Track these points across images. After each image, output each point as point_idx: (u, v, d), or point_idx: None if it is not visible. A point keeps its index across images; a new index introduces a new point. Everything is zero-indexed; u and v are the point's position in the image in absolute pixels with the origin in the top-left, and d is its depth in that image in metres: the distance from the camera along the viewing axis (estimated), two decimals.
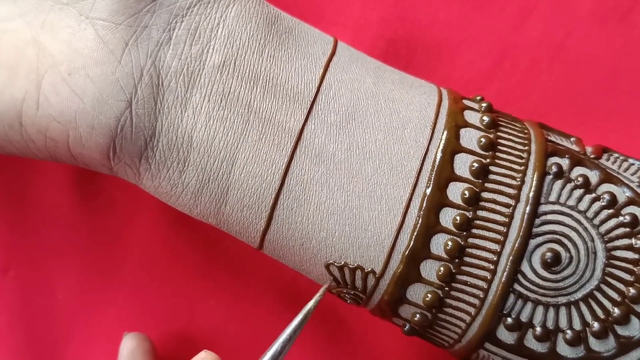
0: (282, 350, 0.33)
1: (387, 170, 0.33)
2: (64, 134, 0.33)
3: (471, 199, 0.33)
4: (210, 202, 0.34)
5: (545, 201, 0.33)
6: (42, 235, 0.48)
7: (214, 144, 0.33)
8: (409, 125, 0.34)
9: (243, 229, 0.35)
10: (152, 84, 0.33)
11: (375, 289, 0.34)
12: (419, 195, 0.33)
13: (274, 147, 0.33)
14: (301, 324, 0.34)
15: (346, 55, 0.36)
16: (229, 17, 0.34)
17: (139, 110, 0.33)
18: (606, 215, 0.33)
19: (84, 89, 0.32)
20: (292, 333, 0.33)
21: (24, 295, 0.47)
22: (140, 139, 0.33)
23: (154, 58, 0.33)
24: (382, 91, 0.35)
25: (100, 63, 0.32)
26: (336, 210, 0.33)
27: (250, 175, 0.33)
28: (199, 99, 0.33)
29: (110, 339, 0.46)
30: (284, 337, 0.33)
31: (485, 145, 0.33)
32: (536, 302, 0.33)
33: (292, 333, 0.33)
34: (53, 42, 0.33)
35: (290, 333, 0.33)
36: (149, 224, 0.48)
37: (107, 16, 0.33)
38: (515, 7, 0.49)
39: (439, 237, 0.33)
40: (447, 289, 0.33)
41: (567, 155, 0.34)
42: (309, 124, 0.34)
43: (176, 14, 0.33)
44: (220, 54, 0.33)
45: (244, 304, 0.48)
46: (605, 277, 0.32)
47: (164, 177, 0.34)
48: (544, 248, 0.32)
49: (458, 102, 0.36)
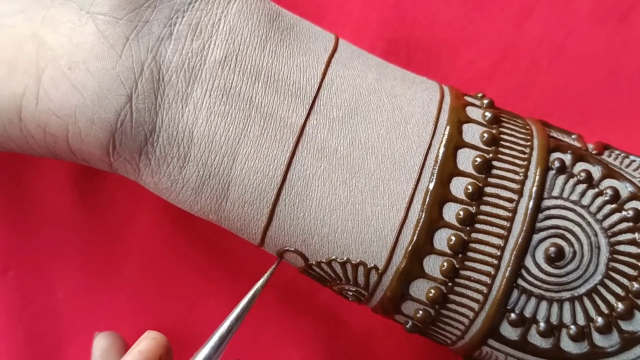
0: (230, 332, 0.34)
1: (390, 166, 0.33)
2: (63, 129, 0.33)
3: (474, 193, 0.32)
4: (211, 198, 0.34)
5: (548, 196, 0.33)
6: (42, 235, 0.48)
7: (215, 140, 0.33)
8: (412, 121, 0.34)
9: (244, 225, 0.35)
10: (152, 79, 0.33)
11: (377, 285, 0.34)
12: (422, 191, 0.33)
13: (275, 143, 0.33)
14: (248, 305, 0.35)
15: (348, 51, 0.36)
16: (231, 12, 0.34)
17: (139, 105, 0.32)
18: (609, 210, 0.33)
19: (83, 84, 0.32)
20: (240, 313, 0.34)
21: (24, 295, 0.47)
22: (140, 134, 0.33)
23: (155, 53, 0.33)
24: (384, 87, 0.35)
25: (101, 57, 0.32)
26: (339, 206, 0.33)
27: (251, 170, 0.33)
28: (200, 94, 0.33)
29: None
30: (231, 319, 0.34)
31: (487, 141, 0.33)
32: (540, 298, 0.32)
33: (240, 313, 0.34)
34: (53, 37, 0.33)
35: (238, 314, 0.34)
36: (149, 224, 0.48)
37: (108, 10, 0.33)
38: (515, 7, 0.49)
39: (442, 232, 0.33)
40: (450, 284, 0.33)
41: (570, 150, 0.34)
42: (311, 119, 0.33)
43: (177, 9, 0.33)
44: (221, 49, 0.33)
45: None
46: (608, 271, 0.32)
47: (164, 172, 0.34)
48: (547, 243, 0.32)
49: (460, 99, 0.36)
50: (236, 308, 0.34)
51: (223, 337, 0.34)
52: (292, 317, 0.48)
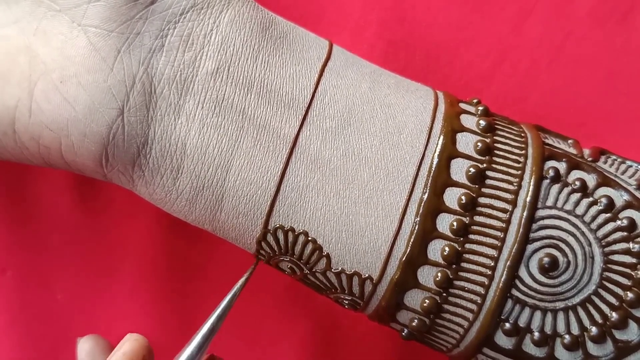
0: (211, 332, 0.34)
1: (383, 176, 0.33)
2: (56, 142, 0.33)
3: (468, 204, 0.32)
4: (205, 209, 0.34)
5: (543, 206, 0.33)
6: (41, 234, 0.48)
7: (207, 151, 0.33)
8: (405, 131, 0.34)
9: (239, 235, 0.35)
10: (144, 92, 0.32)
11: (372, 295, 0.34)
12: (416, 201, 0.33)
13: (269, 154, 0.33)
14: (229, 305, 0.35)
15: (341, 59, 0.36)
16: (222, 22, 0.34)
17: (131, 118, 0.32)
18: (603, 220, 0.32)
19: (75, 97, 0.32)
20: (222, 312, 0.34)
21: (23, 295, 0.47)
22: (133, 146, 0.33)
23: (147, 65, 0.33)
24: (377, 96, 0.35)
25: (92, 71, 0.32)
26: (332, 217, 0.33)
27: (245, 182, 0.33)
28: (193, 106, 0.33)
29: (109, 339, 0.46)
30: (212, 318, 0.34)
31: (481, 150, 0.33)
32: (534, 307, 0.32)
33: (222, 312, 0.34)
34: (45, 50, 0.33)
35: (220, 313, 0.34)
36: (148, 224, 0.48)
37: (99, 23, 0.32)
38: (515, 9, 0.49)
39: (436, 242, 0.33)
40: (444, 294, 0.33)
41: (564, 158, 0.34)
42: (304, 130, 0.33)
43: (169, 21, 0.33)
44: (213, 60, 0.33)
45: (244, 304, 0.48)
46: (603, 281, 0.32)
47: (158, 184, 0.34)
48: (541, 253, 0.32)
49: (454, 106, 0.35)
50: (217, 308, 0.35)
51: (205, 337, 0.34)
52: (290, 318, 0.48)
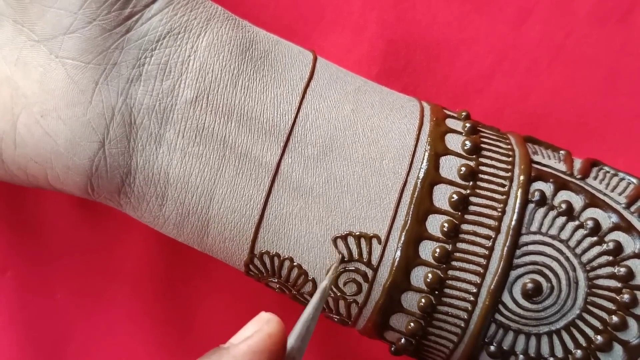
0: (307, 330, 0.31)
1: (366, 204, 0.33)
2: (42, 172, 0.33)
3: (450, 231, 0.32)
4: (192, 233, 0.34)
5: (527, 231, 0.32)
6: (40, 234, 0.48)
7: (190, 180, 0.33)
8: (388, 156, 0.33)
9: (227, 257, 0.35)
10: (124, 123, 0.32)
11: (359, 317, 0.34)
12: (398, 229, 0.33)
13: (251, 182, 0.33)
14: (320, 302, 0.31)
15: (325, 77, 0.35)
16: (200, 47, 0.33)
17: (112, 150, 0.32)
18: (589, 244, 0.32)
19: (56, 131, 0.32)
20: (313, 311, 0.31)
21: (22, 295, 0.48)
22: (116, 177, 0.33)
23: (125, 96, 0.32)
24: (360, 119, 0.34)
25: (72, 104, 0.32)
26: (316, 244, 0.33)
27: (229, 210, 0.33)
28: (173, 136, 0.33)
29: (109, 339, 0.47)
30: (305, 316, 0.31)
31: (465, 175, 0.33)
32: (517, 332, 0.32)
33: (313, 311, 0.31)
34: (25, 82, 0.32)
35: (311, 312, 0.31)
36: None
37: (75, 55, 0.32)
38: (515, 8, 0.48)
39: (419, 269, 0.33)
40: (429, 319, 0.33)
41: (552, 179, 0.33)
42: (285, 158, 0.33)
43: (145, 49, 0.33)
44: (192, 88, 0.33)
45: (244, 304, 0.48)
46: (587, 305, 0.32)
47: (145, 209, 0.34)
48: (525, 279, 0.32)
49: (440, 125, 0.35)
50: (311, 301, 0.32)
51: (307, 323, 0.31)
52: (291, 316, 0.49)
